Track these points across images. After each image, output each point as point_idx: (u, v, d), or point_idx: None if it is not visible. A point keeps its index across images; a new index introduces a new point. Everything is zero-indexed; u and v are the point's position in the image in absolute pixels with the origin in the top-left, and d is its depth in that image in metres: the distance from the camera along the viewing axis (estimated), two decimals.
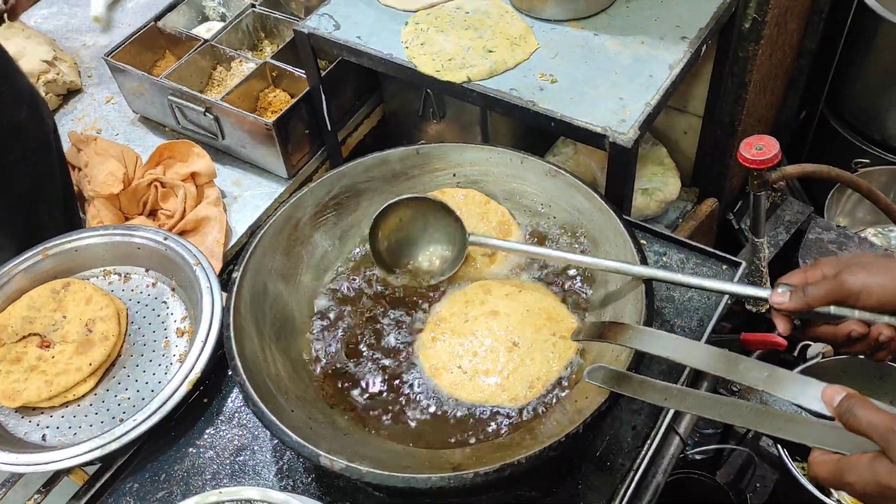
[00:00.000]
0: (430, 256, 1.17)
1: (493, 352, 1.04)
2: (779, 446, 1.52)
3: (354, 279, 1.18)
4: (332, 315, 1.14)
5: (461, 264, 1.14)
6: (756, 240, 1.52)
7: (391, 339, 1.09)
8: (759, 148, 1.32)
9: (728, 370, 0.80)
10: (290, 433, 0.89)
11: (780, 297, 0.85)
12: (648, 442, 1.02)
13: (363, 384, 1.04)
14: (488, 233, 1.17)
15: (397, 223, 1.15)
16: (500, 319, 1.07)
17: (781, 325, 0.88)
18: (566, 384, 1.01)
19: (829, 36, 1.95)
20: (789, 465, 1.52)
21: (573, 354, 1.03)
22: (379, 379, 1.05)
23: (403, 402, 1.02)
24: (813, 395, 0.73)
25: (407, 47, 1.49)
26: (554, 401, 0.99)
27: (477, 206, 1.20)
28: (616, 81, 1.39)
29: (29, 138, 1.39)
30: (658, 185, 1.82)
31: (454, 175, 1.23)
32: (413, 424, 1.00)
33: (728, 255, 1.21)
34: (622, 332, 0.91)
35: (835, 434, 0.72)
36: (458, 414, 1.00)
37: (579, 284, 1.12)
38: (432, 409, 1.01)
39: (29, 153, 1.39)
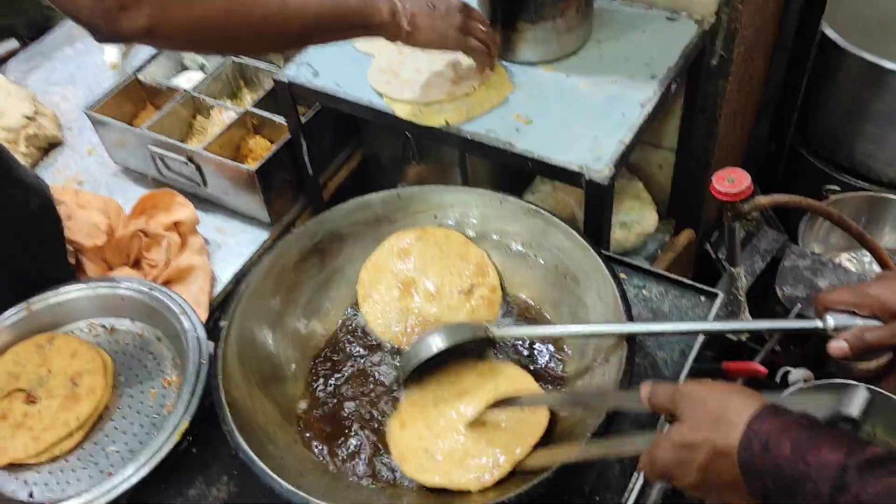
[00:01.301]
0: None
1: (459, 434, 1.02)
2: None
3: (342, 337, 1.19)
4: (316, 369, 1.15)
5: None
6: (733, 270, 1.55)
7: (362, 425, 1.08)
8: (730, 181, 1.36)
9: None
10: (281, 481, 0.90)
11: (838, 350, 0.82)
12: (636, 475, 1.03)
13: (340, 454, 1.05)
14: (466, 270, 1.20)
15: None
16: (468, 399, 1.05)
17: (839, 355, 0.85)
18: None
19: (794, 69, 2.01)
20: None
21: (541, 434, 1.00)
22: (357, 456, 1.05)
23: (381, 476, 1.02)
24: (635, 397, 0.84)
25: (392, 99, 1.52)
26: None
27: (458, 246, 1.23)
28: (590, 121, 1.43)
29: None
30: (636, 218, 1.85)
31: (435, 217, 1.25)
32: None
33: (705, 287, 1.23)
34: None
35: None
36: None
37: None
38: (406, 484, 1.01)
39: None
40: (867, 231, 1.52)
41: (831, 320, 0.83)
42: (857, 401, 0.73)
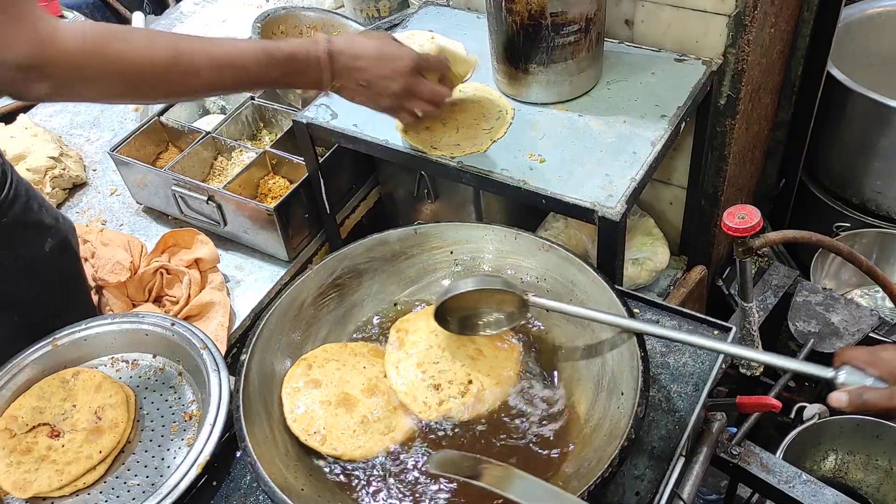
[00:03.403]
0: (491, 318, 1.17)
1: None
2: None
3: None
4: None
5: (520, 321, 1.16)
6: (745, 305, 1.57)
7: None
8: (741, 217, 1.39)
9: None
10: None
11: (837, 401, 0.89)
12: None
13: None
14: (373, 359, 1.18)
15: (460, 302, 1.13)
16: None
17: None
18: None
19: (802, 108, 2.05)
20: None
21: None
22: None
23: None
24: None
25: (405, 131, 1.57)
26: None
27: (341, 348, 1.21)
28: (601, 159, 1.47)
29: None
30: (648, 254, 1.88)
31: (451, 252, 1.28)
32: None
33: (718, 321, 1.25)
34: (502, 476, 0.90)
35: None
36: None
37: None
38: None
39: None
40: (878, 267, 1.54)
41: (843, 375, 0.90)
42: None
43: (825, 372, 0.91)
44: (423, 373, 1.13)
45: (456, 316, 1.15)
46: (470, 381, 1.12)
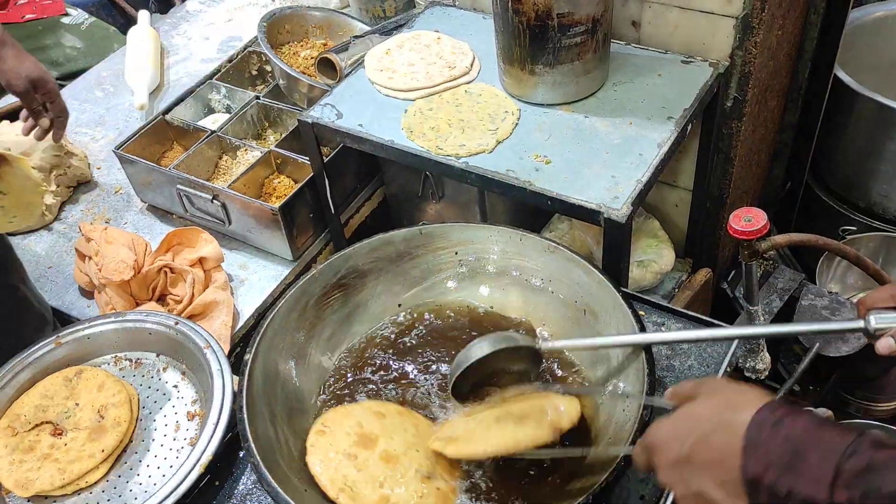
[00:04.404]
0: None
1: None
2: None
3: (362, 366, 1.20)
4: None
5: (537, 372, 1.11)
6: (751, 308, 1.56)
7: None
8: (747, 220, 1.38)
9: None
10: None
11: (886, 348, 0.86)
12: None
13: None
14: (434, 459, 1.07)
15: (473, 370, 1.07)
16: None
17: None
18: None
19: (808, 111, 2.04)
20: None
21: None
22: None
23: None
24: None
25: (411, 131, 1.57)
26: None
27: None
28: (608, 160, 1.46)
29: None
30: (653, 256, 1.87)
31: (456, 253, 1.28)
32: None
33: (724, 325, 1.24)
34: None
35: None
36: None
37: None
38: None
39: None
40: (884, 270, 1.53)
41: (873, 320, 0.87)
42: None
43: (854, 324, 0.89)
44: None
45: (467, 387, 1.09)
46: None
